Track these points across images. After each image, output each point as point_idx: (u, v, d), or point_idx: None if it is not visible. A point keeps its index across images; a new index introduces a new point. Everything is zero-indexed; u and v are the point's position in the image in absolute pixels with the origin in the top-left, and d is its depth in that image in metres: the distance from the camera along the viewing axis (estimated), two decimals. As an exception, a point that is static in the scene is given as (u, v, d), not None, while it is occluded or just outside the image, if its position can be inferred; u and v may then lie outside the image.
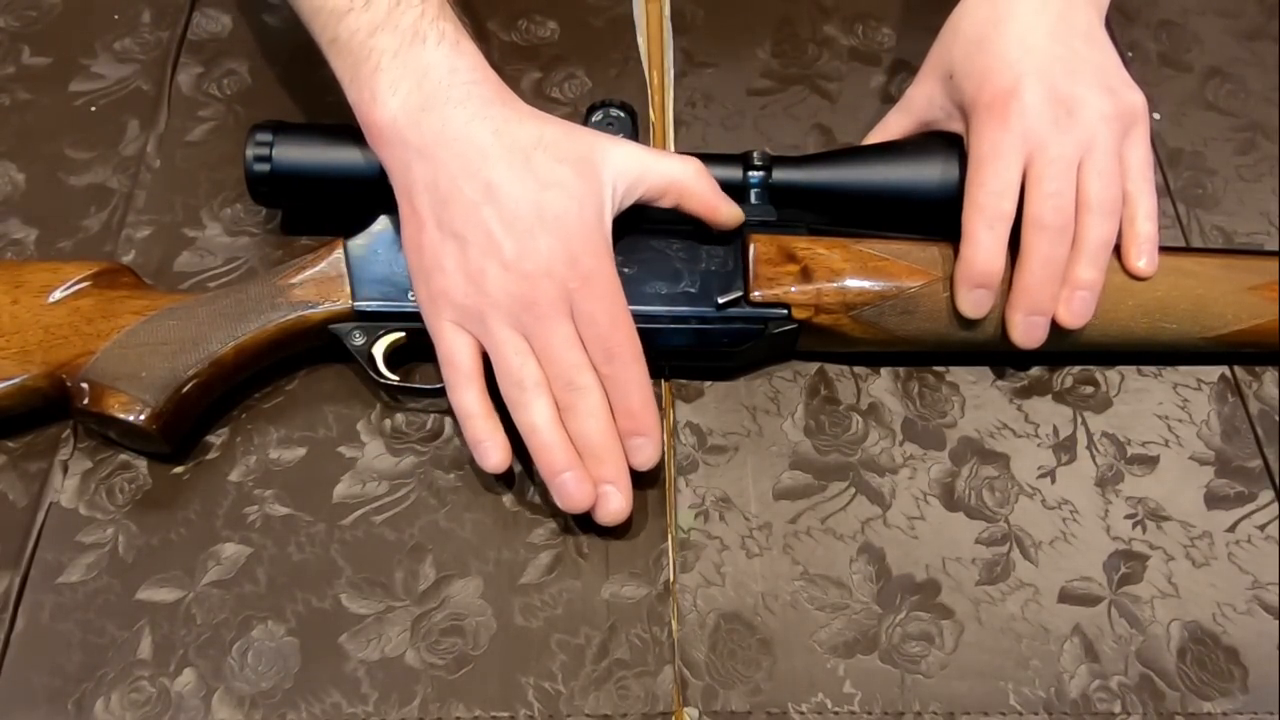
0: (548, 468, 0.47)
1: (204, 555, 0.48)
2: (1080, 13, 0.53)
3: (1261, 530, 0.51)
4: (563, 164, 0.47)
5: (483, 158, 0.46)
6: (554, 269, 0.46)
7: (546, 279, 0.46)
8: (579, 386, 0.46)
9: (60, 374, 0.49)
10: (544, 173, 0.46)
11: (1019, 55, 0.51)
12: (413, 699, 0.45)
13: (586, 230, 0.47)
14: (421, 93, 0.47)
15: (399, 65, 0.47)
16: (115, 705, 0.45)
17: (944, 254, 0.52)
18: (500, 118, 0.47)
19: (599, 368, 0.47)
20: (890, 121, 0.58)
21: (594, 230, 0.47)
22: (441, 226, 0.47)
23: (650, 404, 0.47)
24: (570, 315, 0.46)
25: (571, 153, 0.47)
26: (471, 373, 0.47)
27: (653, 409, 0.47)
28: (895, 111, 0.58)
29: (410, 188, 0.47)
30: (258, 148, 0.52)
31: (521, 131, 0.47)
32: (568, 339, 0.46)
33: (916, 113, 0.56)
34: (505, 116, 0.47)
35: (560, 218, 0.46)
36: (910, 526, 0.50)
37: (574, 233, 0.46)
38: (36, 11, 0.68)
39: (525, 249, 0.46)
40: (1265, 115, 0.66)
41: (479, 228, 0.46)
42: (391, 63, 0.47)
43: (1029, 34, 0.51)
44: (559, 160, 0.47)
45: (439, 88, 0.47)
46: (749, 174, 0.53)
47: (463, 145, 0.46)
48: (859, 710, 0.46)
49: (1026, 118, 0.49)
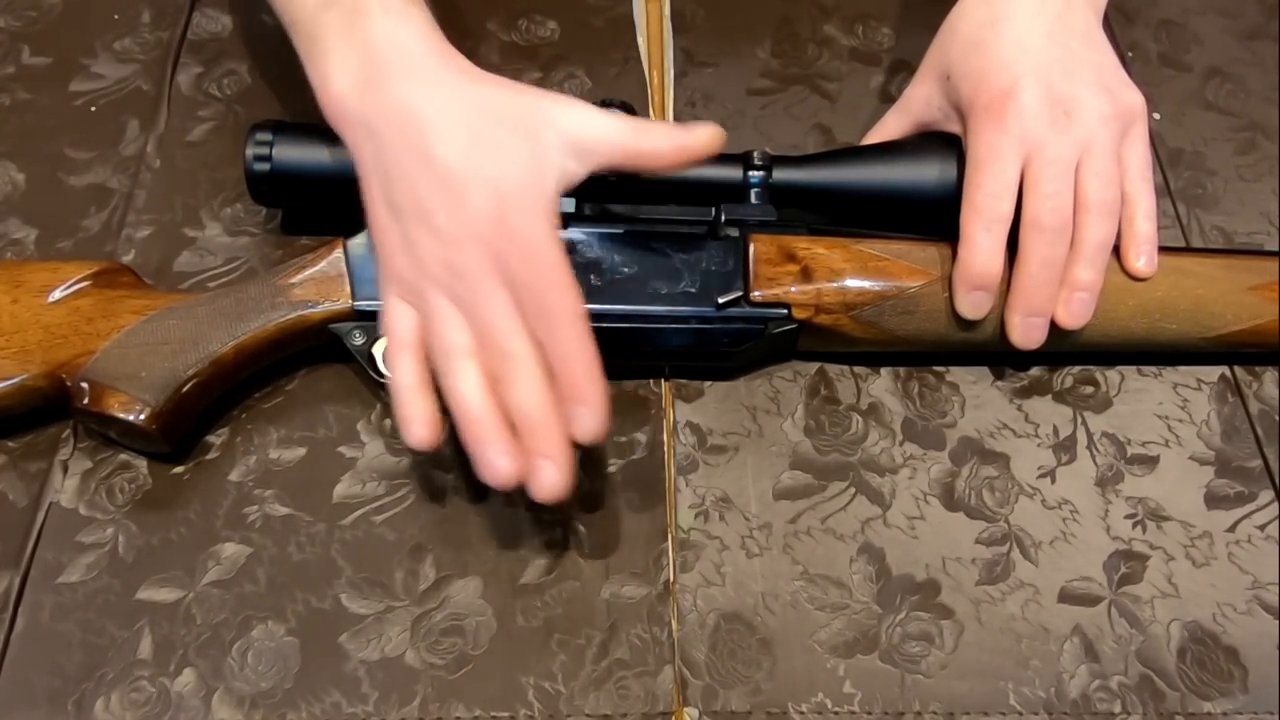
0: (471, 440, 0.43)
1: (204, 555, 0.48)
2: (1078, 13, 0.53)
3: (1261, 530, 0.51)
4: (502, 127, 0.45)
5: (421, 129, 0.44)
6: (481, 231, 0.43)
7: (473, 243, 0.44)
8: (510, 353, 0.43)
9: (60, 373, 0.49)
10: (483, 137, 0.45)
11: (1016, 56, 0.50)
12: (413, 699, 0.45)
13: (521, 191, 0.44)
14: (365, 69, 0.46)
15: (344, 43, 0.46)
16: (115, 705, 0.45)
17: (944, 254, 0.52)
18: (444, 86, 0.46)
19: (537, 334, 0.43)
20: (888, 122, 0.58)
21: (530, 191, 0.44)
22: (389, 204, 0.46)
23: (592, 371, 0.43)
24: (503, 281, 0.44)
25: (512, 115, 0.45)
26: (406, 343, 0.45)
27: (595, 376, 0.43)
28: (893, 112, 0.58)
29: (364, 167, 0.47)
30: (258, 147, 0.52)
31: (463, 98, 0.45)
32: (499, 305, 0.43)
33: (914, 113, 0.56)
34: (450, 84, 0.46)
35: (493, 180, 0.44)
36: (910, 526, 0.50)
37: (507, 194, 0.44)
38: (36, 11, 0.68)
39: (454, 215, 0.44)
40: (1265, 115, 0.66)
41: (413, 198, 0.44)
42: (338, 42, 0.47)
43: (1026, 35, 0.51)
44: (499, 124, 0.45)
45: (382, 63, 0.46)
46: (749, 174, 0.53)
47: (403, 118, 0.45)
48: (859, 710, 0.46)
49: (1024, 119, 0.49)
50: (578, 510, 0.50)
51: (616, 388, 0.54)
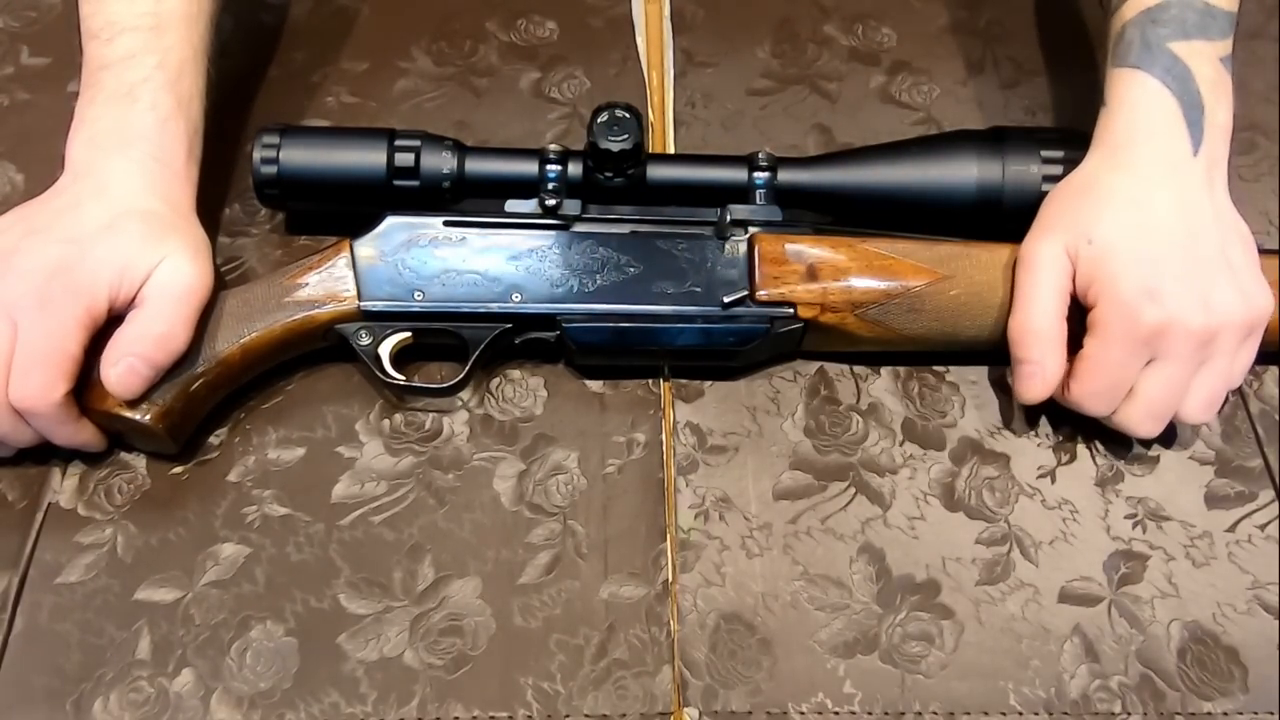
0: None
1: (203, 555, 0.48)
2: (1219, 187, 0.51)
3: (1261, 530, 0.51)
4: (61, 244, 0.47)
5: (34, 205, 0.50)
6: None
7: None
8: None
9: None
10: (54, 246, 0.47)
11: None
12: (411, 699, 0.45)
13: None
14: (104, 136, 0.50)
15: (100, 107, 0.50)
16: (114, 705, 0.44)
17: (950, 253, 0.52)
18: (87, 193, 0.49)
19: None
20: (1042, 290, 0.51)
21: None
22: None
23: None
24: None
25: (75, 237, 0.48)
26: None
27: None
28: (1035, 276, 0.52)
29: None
30: (265, 150, 0.52)
31: (92, 210, 0.48)
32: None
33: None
34: (93, 193, 0.49)
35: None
36: (910, 526, 0.50)
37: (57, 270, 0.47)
38: (36, 11, 0.67)
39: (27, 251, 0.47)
40: (1265, 115, 0.66)
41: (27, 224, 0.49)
42: (96, 105, 0.51)
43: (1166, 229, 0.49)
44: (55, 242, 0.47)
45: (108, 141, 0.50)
46: (754, 174, 0.53)
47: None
48: (859, 710, 0.46)
49: (1164, 341, 0.48)
50: (577, 510, 0.50)
51: (617, 387, 0.54)
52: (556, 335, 0.52)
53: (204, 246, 0.50)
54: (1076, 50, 0.68)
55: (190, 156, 0.52)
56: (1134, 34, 0.51)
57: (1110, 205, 0.49)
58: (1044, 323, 0.49)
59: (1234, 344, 0.48)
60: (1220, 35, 0.51)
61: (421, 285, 0.51)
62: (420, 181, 0.53)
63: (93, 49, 0.52)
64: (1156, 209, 0.49)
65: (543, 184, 0.53)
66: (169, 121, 0.51)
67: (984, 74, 0.67)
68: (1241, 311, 0.48)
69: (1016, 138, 0.54)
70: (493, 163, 0.53)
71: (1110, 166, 0.50)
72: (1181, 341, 0.47)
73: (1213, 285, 0.48)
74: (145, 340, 0.47)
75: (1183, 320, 0.47)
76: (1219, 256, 0.48)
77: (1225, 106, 0.50)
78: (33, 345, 0.46)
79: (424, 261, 0.51)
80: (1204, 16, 0.51)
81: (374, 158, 0.52)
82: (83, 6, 0.53)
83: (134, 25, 0.51)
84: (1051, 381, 0.49)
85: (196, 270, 0.48)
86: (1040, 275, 0.49)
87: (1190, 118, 0.49)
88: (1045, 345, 0.49)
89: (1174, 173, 0.49)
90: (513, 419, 0.53)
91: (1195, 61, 0.50)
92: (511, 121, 0.63)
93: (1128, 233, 0.48)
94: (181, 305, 0.48)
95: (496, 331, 0.51)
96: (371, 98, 0.64)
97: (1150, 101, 0.50)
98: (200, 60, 0.53)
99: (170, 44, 0.52)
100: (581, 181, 0.53)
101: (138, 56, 0.51)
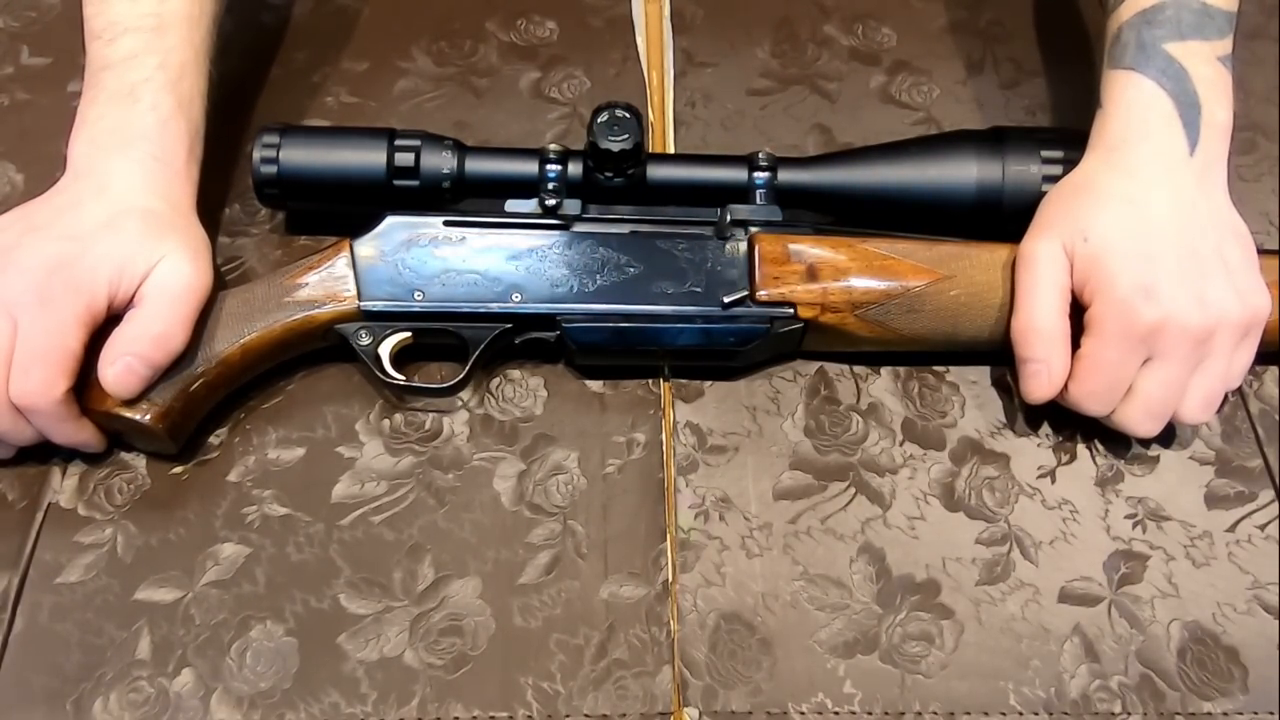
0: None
1: (203, 555, 0.48)
2: (1218, 188, 0.50)
3: (1261, 530, 0.51)
4: (60, 241, 0.47)
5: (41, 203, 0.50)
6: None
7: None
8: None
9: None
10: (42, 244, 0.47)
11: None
12: (411, 699, 0.45)
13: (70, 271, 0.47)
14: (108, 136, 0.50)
15: (102, 107, 0.51)
16: (114, 705, 0.44)
17: (950, 253, 0.52)
18: (88, 191, 0.49)
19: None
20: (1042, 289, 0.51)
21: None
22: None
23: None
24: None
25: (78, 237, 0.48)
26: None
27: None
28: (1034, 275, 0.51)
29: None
30: (265, 150, 0.52)
31: (92, 209, 0.48)
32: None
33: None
34: (93, 192, 0.49)
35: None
36: (910, 526, 0.50)
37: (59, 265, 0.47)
38: (36, 11, 0.67)
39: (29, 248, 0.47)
40: (1265, 115, 0.66)
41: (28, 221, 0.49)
42: (98, 105, 0.51)
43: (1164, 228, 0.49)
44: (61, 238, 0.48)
45: (110, 140, 0.50)
46: (754, 174, 0.53)
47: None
48: (859, 710, 0.46)
49: (1160, 339, 0.48)
50: (577, 510, 0.50)
51: (617, 387, 0.54)
52: (556, 335, 0.52)
53: (204, 246, 0.50)
54: (1076, 50, 0.68)
55: (191, 156, 0.52)
56: (1130, 35, 0.51)
57: (1106, 204, 0.49)
58: (1047, 320, 0.49)
59: (1231, 343, 0.48)
60: (1218, 35, 0.51)
61: (421, 285, 0.51)
62: (420, 181, 0.53)
63: (95, 49, 0.52)
64: (1152, 208, 0.49)
65: (543, 184, 0.53)
66: (170, 121, 0.51)
67: (984, 74, 0.67)
68: (1238, 310, 0.48)
69: (1016, 138, 0.54)
70: (493, 162, 0.53)
71: (1106, 167, 0.50)
72: (1178, 339, 0.47)
73: (1208, 284, 0.48)
74: (143, 340, 0.47)
75: (1179, 318, 0.47)
76: (1215, 255, 0.48)
77: (1224, 106, 0.50)
78: (33, 342, 0.46)
79: (424, 261, 0.51)
80: (1201, 17, 0.51)
81: (374, 157, 0.52)
82: (86, 7, 0.53)
83: (136, 26, 0.51)
84: (1057, 379, 0.49)
85: (196, 270, 0.48)
86: (1040, 273, 0.49)
87: (1186, 118, 0.49)
88: (1049, 343, 0.49)
89: (1170, 172, 0.49)
90: (513, 419, 0.53)
91: (1192, 62, 0.50)
92: (511, 121, 0.63)
93: (1123, 231, 0.48)
94: (180, 305, 0.48)
95: (496, 331, 0.51)
96: (371, 98, 0.64)
97: (1146, 102, 0.50)
98: (202, 61, 0.53)
99: (172, 45, 0.52)
100: (581, 181, 0.53)
101: (139, 57, 0.51)
